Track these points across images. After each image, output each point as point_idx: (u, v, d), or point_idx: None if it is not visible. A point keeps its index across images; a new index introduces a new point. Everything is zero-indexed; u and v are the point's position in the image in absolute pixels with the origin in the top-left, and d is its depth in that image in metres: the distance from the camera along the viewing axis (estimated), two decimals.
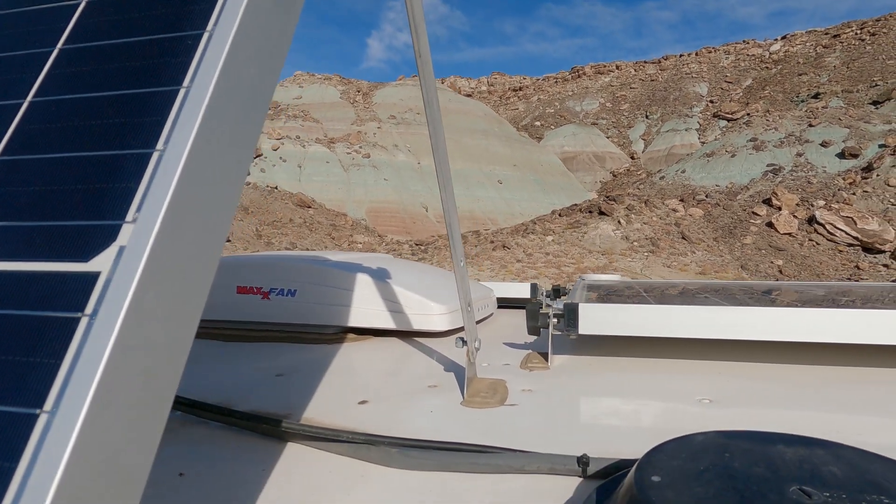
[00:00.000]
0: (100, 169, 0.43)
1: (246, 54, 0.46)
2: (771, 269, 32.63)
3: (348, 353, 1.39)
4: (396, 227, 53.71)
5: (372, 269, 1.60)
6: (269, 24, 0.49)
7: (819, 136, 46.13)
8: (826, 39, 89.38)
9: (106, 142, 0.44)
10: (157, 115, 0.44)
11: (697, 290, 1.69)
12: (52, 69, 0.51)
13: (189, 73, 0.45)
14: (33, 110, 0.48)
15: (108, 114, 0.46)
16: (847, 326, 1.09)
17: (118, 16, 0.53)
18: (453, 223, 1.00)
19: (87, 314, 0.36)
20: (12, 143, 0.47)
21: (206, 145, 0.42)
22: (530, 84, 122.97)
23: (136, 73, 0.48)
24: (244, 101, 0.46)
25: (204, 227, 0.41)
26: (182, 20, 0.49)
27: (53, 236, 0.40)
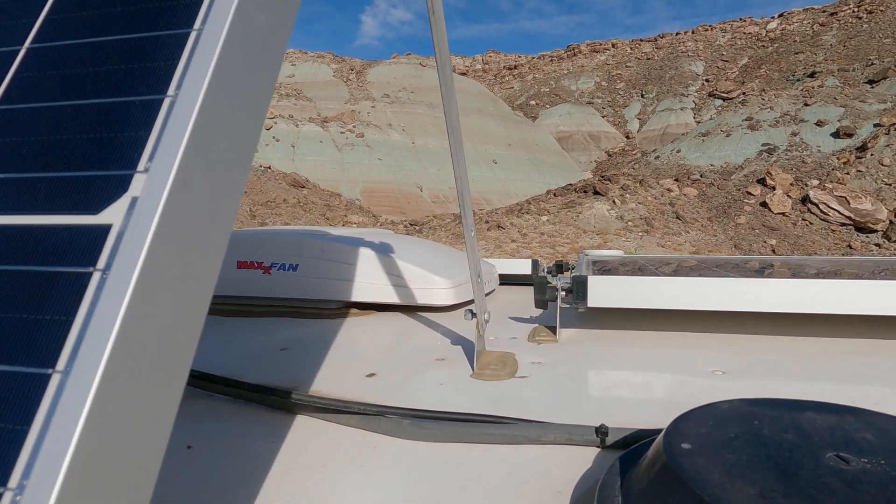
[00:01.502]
0: (107, 117, 0.40)
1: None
2: (764, 248, 32.77)
3: (352, 328, 1.37)
4: (391, 207, 53.51)
5: (374, 244, 1.58)
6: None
7: (814, 116, 46.01)
8: (823, 17, 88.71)
9: (112, 89, 0.42)
10: (167, 59, 0.41)
11: (700, 265, 1.67)
12: (50, 14, 0.48)
13: (201, 13, 0.43)
14: (31, 57, 0.46)
15: (114, 59, 0.43)
16: (857, 297, 1.08)
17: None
18: (465, 193, 0.98)
19: (99, 269, 0.34)
20: (10, 91, 0.44)
21: (221, 91, 0.39)
22: (525, 62, 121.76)
23: (143, 16, 0.45)
24: (259, 45, 0.43)
25: (220, 179, 0.39)
26: None
27: (59, 188, 0.38)
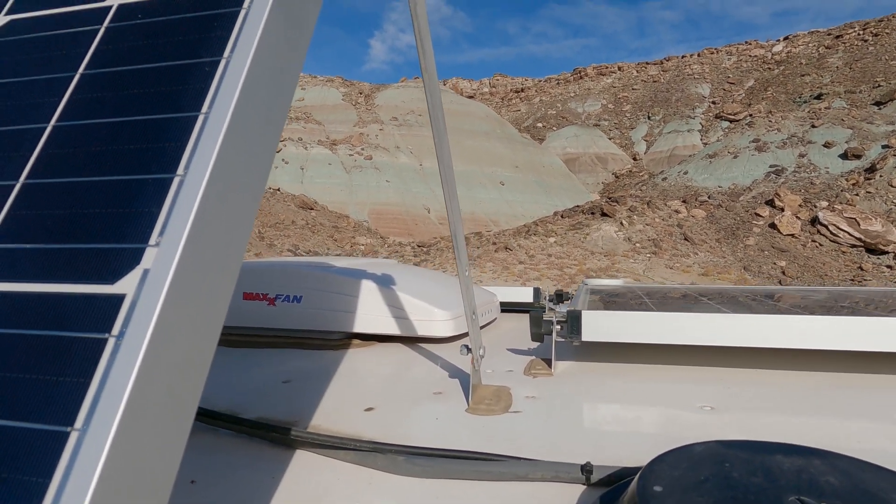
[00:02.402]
0: (123, 193, 0.44)
1: (261, 79, 0.47)
2: (774, 270, 32.58)
3: (353, 360, 1.40)
4: (398, 229, 53.77)
5: (377, 276, 1.62)
6: (283, 48, 0.50)
7: (822, 137, 46.06)
8: (829, 40, 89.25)
9: (128, 167, 0.45)
10: (176, 140, 0.45)
11: (700, 295, 1.70)
12: (73, 94, 0.52)
13: (207, 99, 0.46)
14: (56, 134, 0.50)
15: (130, 139, 0.47)
16: (847, 333, 1.10)
17: (137, 42, 0.54)
18: (458, 233, 1.02)
19: (114, 335, 0.37)
20: (37, 166, 0.48)
21: (224, 170, 0.43)
22: (532, 85, 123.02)
23: (156, 99, 0.49)
24: (260, 123, 0.47)
25: (223, 248, 0.43)
26: (200, 47, 0.50)
27: (79, 258, 0.42)
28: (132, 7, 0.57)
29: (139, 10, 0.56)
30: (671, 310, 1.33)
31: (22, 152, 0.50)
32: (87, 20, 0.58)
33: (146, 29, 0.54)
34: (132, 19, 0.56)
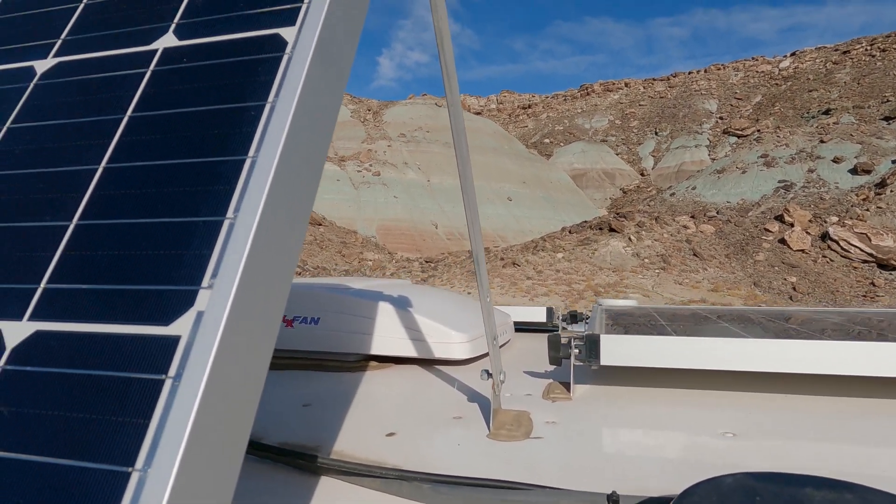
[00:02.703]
0: (174, 235, 0.45)
1: (304, 122, 0.49)
2: (784, 286, 32.33)
3: (372, 382, 1.41)
4: (406, 245, 53.87)
5: (393, 297, 1.63)
6: (324, 92, 0.52)
7: (831, 153, 45.93)
8: (836, 56, 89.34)
9: (179, 209, 0.47)
10: (225, 184, 0.47)
11: (716, 317, 1.70)
12: (123, 136, 0.53)
13: (254, 143, 0.48)
14: (108, 176, 0.51)
15: (180, 182, 0.48)
16: (871, 358, 1.10)
17: (183, 85, 0.55)
18: (480, 259, 1.03)
19: (170, 376, 0.39)
20: (90, 207, 0.49)
21: (273, 213, 0.45)
22: (539, 102, 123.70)
23: (204, 143, 0.50)
24: (303, 166, 0.49)
25: (273, 286, 0.45)
26: (245, 91, 0.52)
27: (134, 299, 0.43)
28: (177, 51, 0.58)
29: (184, 53, 0.58)
30: (688, 333, 1.33)
31: (75, 193, 0.51)
32: (134, 63, 0.59)
33: (192, 72, 0.55)
34: (178, 62, 0.57)
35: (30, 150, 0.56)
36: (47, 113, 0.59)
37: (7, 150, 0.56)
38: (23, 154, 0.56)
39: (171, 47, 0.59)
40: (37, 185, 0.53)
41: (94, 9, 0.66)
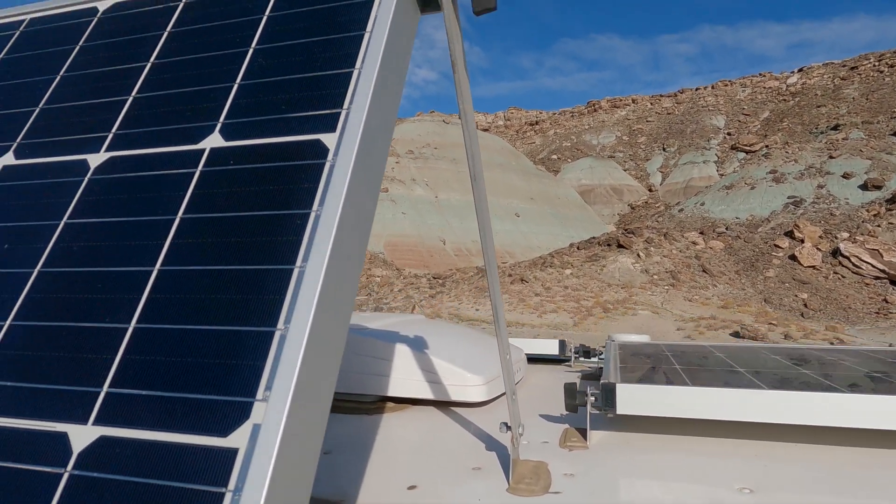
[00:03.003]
0: (227, 344, 0.47)
1: (347, 231, 0.51)
2: (795, 302, 32.02)
3: (390, 427, 1.43)
4: (414, 261, 53.91)
5: (409, 338, 1.65)
6: (363, 198, 0.54)
7: (840, 168, 45.71)
8: (844, 71, 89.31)
9: (230, 317, 0.48)
10: (274, 293, 0.48)
11: (727, 357, 1.71)
12: (175, 238, 0.55)
13: (301, 252, 0.50)
14: (162, 279, 0.53)
15: (230, 289, 0.50)
16: (891, 412, 1.11)
17: (230, 188, 0.57)
18: (499, 309, 1.05)
19: (230, 489, 0.40)
20: (146, 311, 0.51)
21: (321, 324, 0.46)
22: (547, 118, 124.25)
23: (252, 249, 0.52)
24: (346, 273, 0.51)
25: (322, 393, 0.46)
26: (290, 198, 0.54)
27: (192, 408, 0.45)
28: (224, 152, 0.60)
29: (230, 155, 0.60)
30: (701, 378, 1.35)
31: (132, 295, 0.52)
32: (183, 162, 0.61)
33: (238, 176, 0.57)
34: (225, 164, 0.59)
35: (87, 248, 0.58)
36: (102, 209, 0.61)
37: (66, 247, 0.59)
38: (80, 252, 0.58)
39: (217, 148, 0.61)
40: (95, 285, 0.54)
41: (142, 102, 0.69)
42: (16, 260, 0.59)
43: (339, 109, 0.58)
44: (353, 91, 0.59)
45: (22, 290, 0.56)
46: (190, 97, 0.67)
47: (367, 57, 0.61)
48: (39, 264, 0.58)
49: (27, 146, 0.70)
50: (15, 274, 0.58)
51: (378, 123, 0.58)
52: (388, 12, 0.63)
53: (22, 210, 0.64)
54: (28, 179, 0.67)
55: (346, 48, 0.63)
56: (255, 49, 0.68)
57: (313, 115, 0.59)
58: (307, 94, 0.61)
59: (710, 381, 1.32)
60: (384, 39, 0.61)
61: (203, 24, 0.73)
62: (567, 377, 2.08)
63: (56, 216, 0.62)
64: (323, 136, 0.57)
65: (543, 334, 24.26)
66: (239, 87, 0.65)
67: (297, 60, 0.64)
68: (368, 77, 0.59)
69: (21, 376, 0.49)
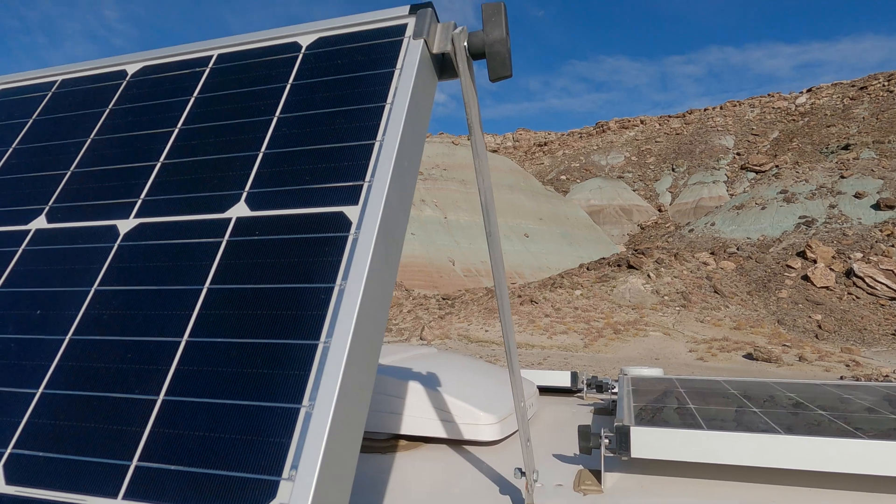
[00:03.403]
0: (253, 420, 0.47)
1: (369, 305, 0.51)
2: (809, 323, 31.62)
3: (403, 468, 1.43)
4: (423, 282, 53.91)
5: (422, 374, 1.66)
6: (384, 269, 0.55)
7: (852, 188, 45.45)
8: (853, 91, 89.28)
9: (255, 391, 0.49)
10: (299, 369, 0.49)
11: (744, 395, 1.69)
12: (202, 309, 0.56)
13: (325, 327, 0.50)
14: (190, 350, 0.54)
15: (257, 362, 0.51)
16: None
17: (255, 259, 0.58)
18: (513, 356, 1.06)
19: None
20: (174, 383, 0.52)
21: (345, 400, 0.46)
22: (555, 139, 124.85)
23: (278, 323, 0.52)
24: (369, 349, 0.51)
25: (346, 470, 0.46)
26: (314, 271, 0.54)
27: (220, 485, 0.45)
28: (249, 222, 0.61)
29: (256, 226, 0.61)
30: (717, 419, 1.34)
31: (161, 366, 0.53)
32: (210, 231, 0.62)
33: (264, 247, 0.58)
34: (250, 234, 0.60)
35: (117, 316, 0.59)
36: (132, 277, 0.62)
37: (96, 315, 0.60)
38: (110, 320, 0.59)
39: (243, 217, 0.62)
40: (125, 355, 0.55)
41: (170, 168, 0.70)
42: (48, 327, 0.60)
43: (361, 182, 0.59)
44: (375, 163, 0.60)
45: (54, 357, 0.57)
46: (216, 165, 0.68)
47: (389, 129, 0.62)
48: (70, 332, 0.59)
49: (59, 210, 0.72)
50: (47, 341, 0.59)
51: (399, 196, 0.59)
52: (409, 83, 0.65)
53: (54, 275, 0.65)
54: (59, 244, 0.68)
55: (367, 119, 0.64)
56: (280, 117, 0.69)
57: (336, 186, 0.60)
58: (330, 165, 0.62)
59: (725, 423, 1.31)
60: (405, 111, 0.62)
61: (228, 91, 0.76)
62: (579, 411, 2.07)
63: (87, 283, 0.63)
64: (346, 208, 0.57)
65: (553, 356, 24.06)
66: (263, 156, 0.66)
67: (319, 130, 0.66)
68: (390, 149, 0.60)
69: (53, 446, 0.49)
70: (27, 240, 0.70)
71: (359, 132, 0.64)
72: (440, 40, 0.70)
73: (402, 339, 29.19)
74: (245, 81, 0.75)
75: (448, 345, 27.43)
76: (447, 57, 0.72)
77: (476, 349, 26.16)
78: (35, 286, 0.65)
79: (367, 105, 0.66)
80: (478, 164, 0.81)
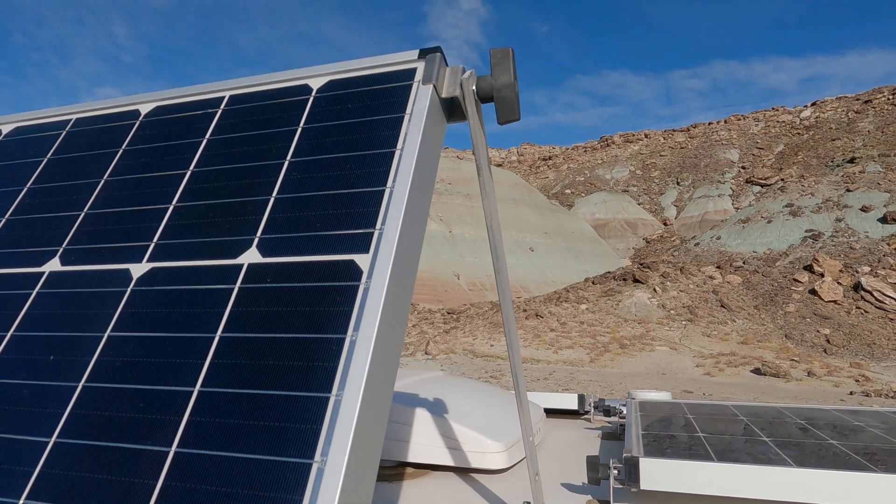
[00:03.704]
0: (266, 474, 0.47)
1: (380, 356, 0.51)
2: (818, 338, 31.35)
3: (410, 497, 1.42)
4: (428, 295, 53.86)
5: (429, 400, 1.65)
6: (396, 320, 0.54)
7: (858, 201, 45.30)
8: (857, 105, 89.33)
9: (268, 446, 0.48)
10: (312, 423, 0.48)
11: (754, 422, 1.68)
12: (214, 358, 0.56)
13: (336, 380, 0.50)
14: (202, 400, 0.53)
15: (268, 414, 0.50)
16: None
17: (267, 307, 0.58)
18: (523, 395, 1.06)
19: None
20: (187, 434, 0.51)
21: (357, 455, 0.46)
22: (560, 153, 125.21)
23: (290, 374, 0.52)
24: (379, 401, 0.51)
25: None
26: (325, 322, 0.54)
27: None
28: (261, 268, 0.61)
29: (268, 273, 0.61)
30: (727, 448, 1.33)
31: (172, 416, 0.53)
32: (223, 277, 0.62)
33: (275, 295, 0.58)
34: (262, 282, 0.60)
35: (130, 364, 0.59)
36: (144, 323, 0.62)
37: (109, 362, 0.60)
38: (123, 367, 0.59)
39: (255, 264, 0.62)
40: (137, 405, 0.54)
41: (182, 212, 0.71)
42: (62, 373, 0.60)
43: (371, 229, 0.59)
44: (386, 210, 0.60)
45: (67, 405, 0.57)
46: (228, 209, 0.68)
47: (399, 175, 0.62)
48: (84, 379, 0.59)
49: (73, 252, 0.73)
50: (60, 388, 0.59)
51: (409, 242, 0.59)
52: (419, 128, 0.65)
53: (67, 320, 0.65)
54: (73, 287, 0.68)
55: (378, 165, 0.65)
56: (291, 161, 0.70)
57: (347, 233, 0.60)
58: (341, 211, 0.62)
59: (735, 453, 1.30)
60: (415, 157, 0.63)
61: (240, 133, 0.77)
62: (587, 435, 2.06)
63: (100, 328, 0.63)
64: (357, 256, 0.57)
65: (559, 371, 23.91)
66: (275, 201, 0.67)
67: (330, 175, 0.66)
68: (400, 196, 0.60)
69: (66, 498, 0.49)
70: (41, 282, 0.71)
71: (369, 178, 0.64)
72: (449, 85, 0.71)
73: (408, 354, 29.11)
74: (257, 124, 0.77)
75: (453, 359, 27.32)
76: (456, 100, 0.73)
77: (481, 364, 26.04)
78: (48, 331, 0.65)
79: (377, 150, 0.66)
80: (486, 203, 0.82)
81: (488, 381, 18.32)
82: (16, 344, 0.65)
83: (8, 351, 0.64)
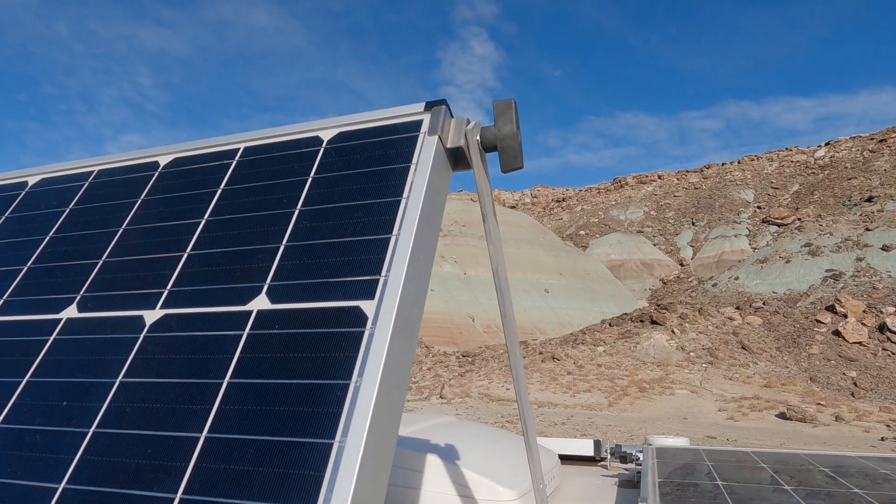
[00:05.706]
0: None
1: (385, 402, 0.51)
2: (844, 381, 30.42)
3: None
4: (443, 338, 53.46)
5: (440, 447, 1.63)
6: (400, 366, 0.55)
7: (878, 240, 44.64)
8: (872, 144, 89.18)
9: (273, 494, 0.49)
10: (315, 469, 0.49)
11: (773, 469, 1.63)
12: (221, 404, 0.57)
13: (340, 426, 0.50)
14: (209, 447, 0.54)
15: (273, 461, 0.51)
16: None
17: (275, 353, 0.59)
18: (529, 425, 1.04)
19: None
20: (193, 481, 0.52)
21: (362, 503, 0.46)
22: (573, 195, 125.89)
23: (295, 420, 0.53)
24: (382, 448, 0.51)
25: None
26: (330, 366, 0.55)
27: None
28: (270, 315, 0.63)
29: (276, 319, 0.62)
30: (748, 499, 1.29)
31: (179, 462, 0.53)
32: (232, 323, 0.64)
33: (282, 341, 0.59)
34: (270, 328, 0.61)
35: (140, 409, 0.59)
36: (155, 369, 0.63)
37: (120, 408, 0.60)
38: (133, 413, 0.59)
39: (264, 310, 0.64)
40: (145, 451, 0.55)
41: (195, 259, 0.73)
42: (73, 419, 0.61)
43: (377, 276, 0.60)
44: (391, 258, 0.61)
45: (77, 451, 0.58)
46: (240, 256, 0.70)
47: (404, 223, 0.63)
48: (94, 425, 0.60)
49: (90, 299, 0.75)
50: (71, 433, 0.60)
51: (414, 289, 0.59)
52: (424, 178, 0.67)
53: (82, 366, 0.66)
54: (88, 334, 0.70)
55: (384, 213, 0.66)
56: (301, 210, 0.72)
57: (353, 280, 0.61)
58: (347, 258, 0.63)
59: (756, 503, 1.26)
60: (420, 205, 0.64)
61: (254, 183, 0.80)
62: (603, 483, 2.00)
63: (113, 374, 0.64)
64: (362, 303, 0.58)
65: (577, 415, 23.37)
66: (285, 248, 0.68)
67: (339, 224, 0.68)
68: (405, 244, 0.61)
69: None
70: (58, 328, 0.73)
71: (376, 226, 0.65)
72: (454, 135, 0.73)
73: (423, 398, 28.72)
74: (270, 174, 0.79)
75: (468, 403, 26.87)
76: (461, 150, 0.76)
77: (497, 408, 25.57)
78: (63, 377, 0.66)
79: (383, 199, 0.68)
80: (492, 249, 0.83)
81: (504, 426, 17.94)
82: (31, 389, 0.66)
83: (24, 396, 0.65)
